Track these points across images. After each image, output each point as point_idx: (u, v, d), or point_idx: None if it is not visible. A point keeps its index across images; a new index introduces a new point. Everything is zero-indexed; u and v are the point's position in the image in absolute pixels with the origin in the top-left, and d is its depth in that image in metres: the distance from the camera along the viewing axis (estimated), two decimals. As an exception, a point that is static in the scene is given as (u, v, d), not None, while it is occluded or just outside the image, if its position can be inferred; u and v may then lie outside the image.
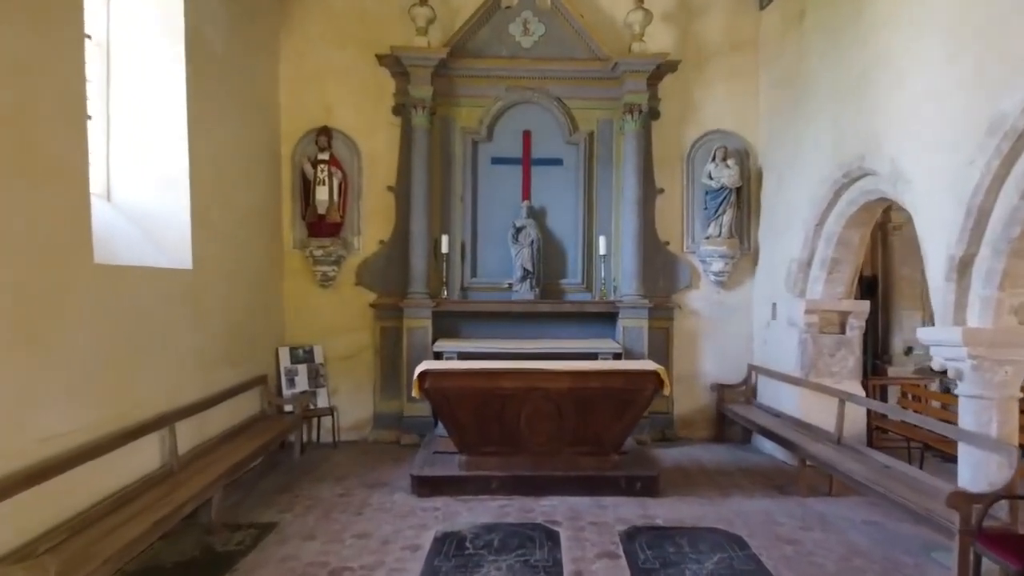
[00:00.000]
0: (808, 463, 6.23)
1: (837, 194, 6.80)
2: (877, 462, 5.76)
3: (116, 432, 4.68)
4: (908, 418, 6.34)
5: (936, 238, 5.02)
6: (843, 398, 6.47)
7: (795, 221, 7.47)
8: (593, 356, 7.47)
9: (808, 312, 7.25)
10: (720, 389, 8.40)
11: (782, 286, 7.71)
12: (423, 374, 5.90)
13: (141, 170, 5.81)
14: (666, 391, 6.04)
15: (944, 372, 5.10)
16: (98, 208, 4.94)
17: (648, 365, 6.16)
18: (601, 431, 6.08)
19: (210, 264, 6.24)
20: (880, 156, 5.89)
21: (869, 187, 6.32)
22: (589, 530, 5.31)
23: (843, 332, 7.36)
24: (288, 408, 7.64)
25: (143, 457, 5.09)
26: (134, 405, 4.99)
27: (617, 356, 7.50)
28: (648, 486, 6.05)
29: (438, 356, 7.50)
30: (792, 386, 7.37)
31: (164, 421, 5.31)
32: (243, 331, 6.98)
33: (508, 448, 6.10)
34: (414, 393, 5.96)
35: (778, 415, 7.50)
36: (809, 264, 7.31)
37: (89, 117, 5.00)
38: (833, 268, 7.16)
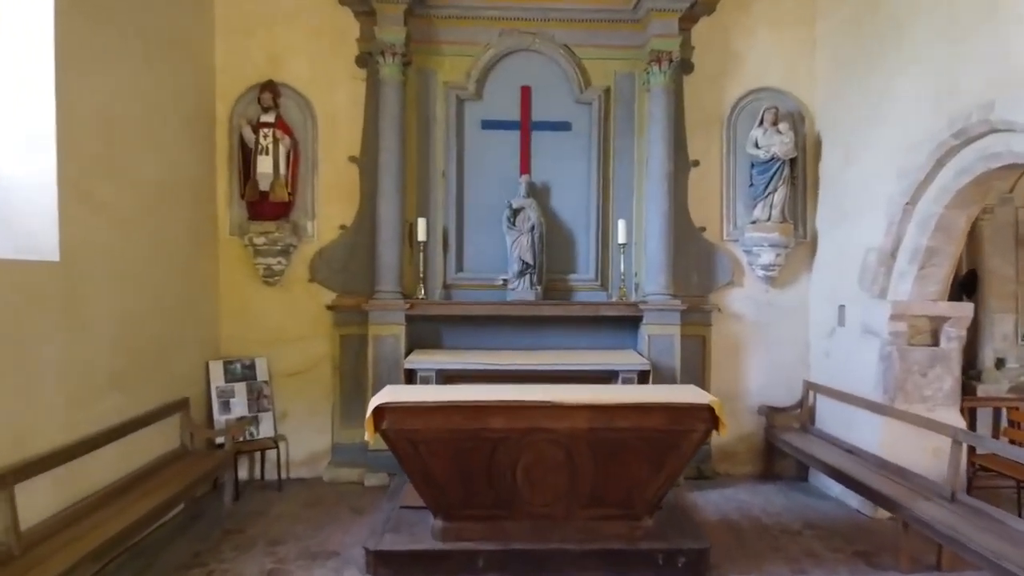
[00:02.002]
0: (906, 523, 4.55)
1: (940, 163, 5.09)
2: (1016, 531, 4.08)
3: None
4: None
5: None
6: (959, 439, 4.76)
7: (873, 200, 5.76)
8: (612, 375, 5.77)
9: (895, 318, 5.54)
10: (769, 413, 6.70)
11: (854, 284, 6.00)
12: (380, 410, 4.17)
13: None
14: (723, 432, 4.33)
15: None
16: None
17: (697, 395, 4.44)
18: (630, 488, 4.37)
19: (92, 255, 4.52)
20: (1021, 102, 4.19)
21: (996, 148, 4.61)
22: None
23: (936, 343, 5.66)
24: (220, 440, 5.94)
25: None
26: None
27: (643, 375, 5.79)
28: (695, 564, 4.35)
29: (410, 376, 5.78)
30: (871, 414, 5.67)
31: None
32: (153, 343, 5.26)
33: (500, 511, 4.39)
34: (367, 437, 4.22)
35: (850, 450, 5.80)
36: (893, 256, 5.61)
37: None
38: (927, 261, 5.46)
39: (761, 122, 6.63)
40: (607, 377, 5.83)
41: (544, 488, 4.34)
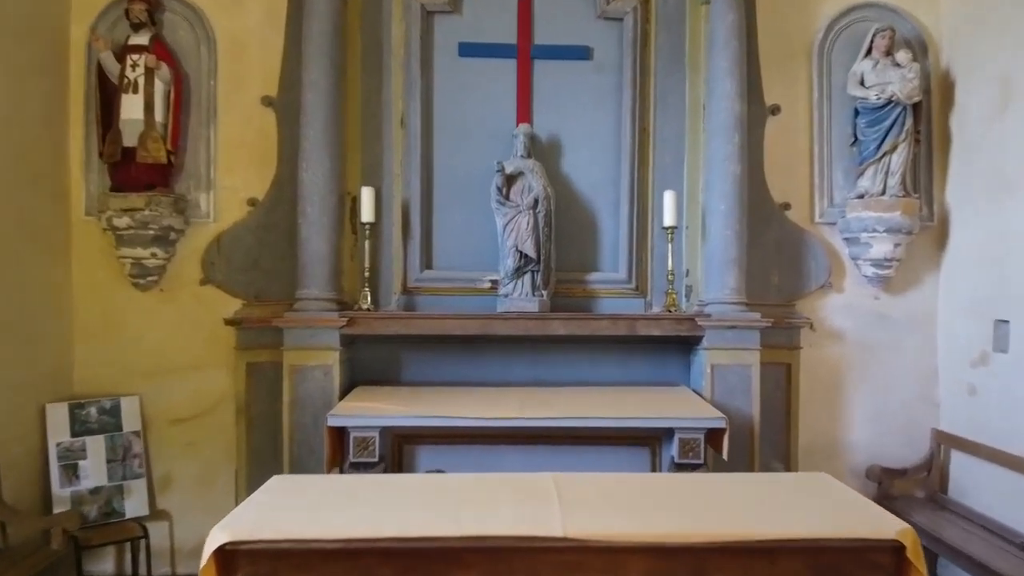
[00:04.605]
0: None
1: None
2: None
3: None
4: None
5: None
6: None
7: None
8: (662, 433, 3.65)
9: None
10: (881, 477, 4.57)
11: (1021, 288, 3.90)
12: (228, 553, 2.02)
13: None
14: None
15: None
16: None
17: (885, 523, 2.27)
18: None
19: None
20: None
21: None
22: None
23: None
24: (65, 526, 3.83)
25: None
26: None
27: (715, 435, 3.61)
28: None
29: (340, 435, 3.59)
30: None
31: None
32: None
33: None
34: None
35: (1009, 538, 3.78)
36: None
37: None
38: None
39: (869, 51, 4.54)
40: (652, 437, 3.71)
41: None
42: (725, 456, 3.54)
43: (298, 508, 2.35)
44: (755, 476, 3.34)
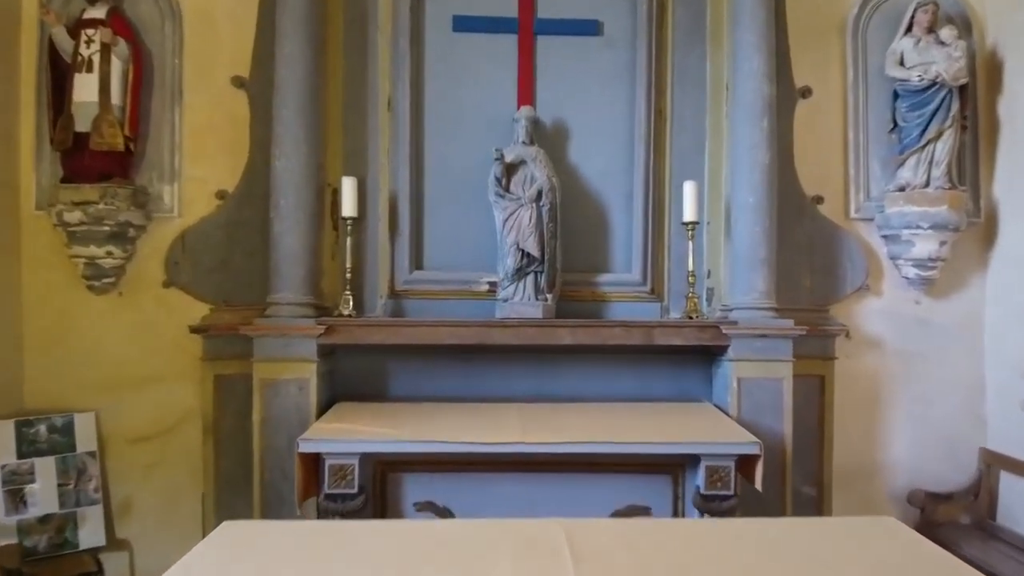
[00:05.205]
0: None
1: None
2: None
3: None
4: None
5: None
6: None
7: None
8: (684, 462, 3.18)
9: None
10: (925, 501, 4.10)
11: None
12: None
13: None
14: None
15: None
16: None
17: None
18: None
19: None
20: None
21: None
22: None
23: None
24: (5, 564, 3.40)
25: None
26: None
27: (747, 461, 3.12)
28: None
29: (314, 463, 3.11)
30: None
31: None
32: None
33: None
34: None
35: None
36: None
37: None
38: None
39: (909, 28, 4.07)
40: (675, 464, 3.23)
41: None
42: (759, 486, 3.07)
43: (246, 573, 1.88)
44: (803, 522, 2.82)
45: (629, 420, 3.39)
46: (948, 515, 4.12)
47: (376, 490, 3.21)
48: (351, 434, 3.06)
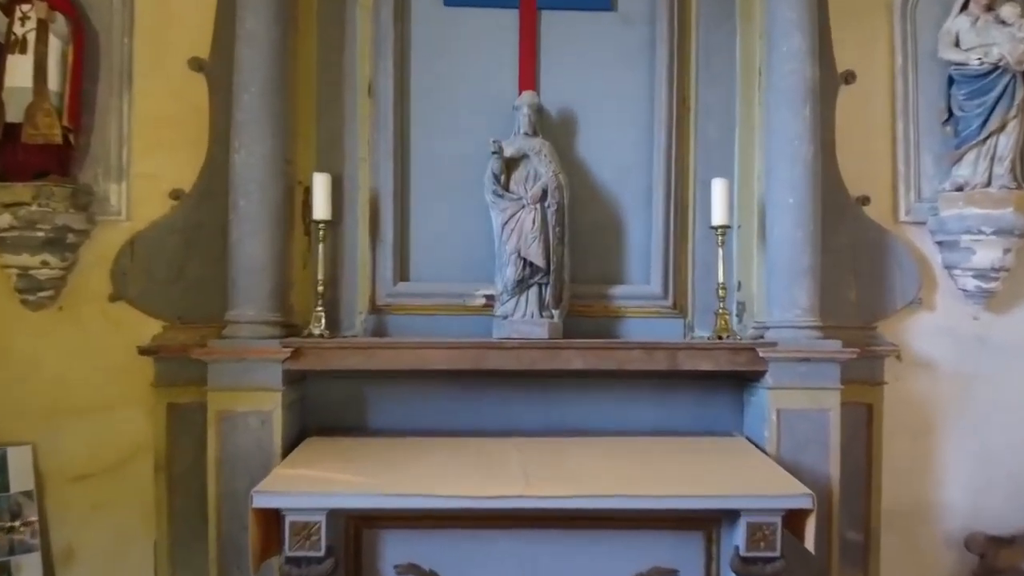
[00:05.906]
0: None
1: None
2: None
3: None
4: None
5: None
6: None
7: None
8: (721, 518, 2.66)
9: None
10: (984, 546, 3.59)
11: None
12: None
13: None
14: None
15: None
16: None
17: None
18: None
19: None
20: None
21: None
22: None
23: None
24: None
25: None
26: None
27: (795, 516, 2.60)
28: None
29: (274, 517, 2.57)
30: None
31: None
32: None
33: None
34: None
35: None
36: None
37: None
38: None
39: (965, 6, 3.60)
40: (710, 520, 2.70)
41: None
42: (811, 547, 2.55)
43: None
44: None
45: (651, 461, 2.87)
46: (1011, 561, 3.62)
47: (349, 550, 2.68)
48: (318, 484, 2.53)
